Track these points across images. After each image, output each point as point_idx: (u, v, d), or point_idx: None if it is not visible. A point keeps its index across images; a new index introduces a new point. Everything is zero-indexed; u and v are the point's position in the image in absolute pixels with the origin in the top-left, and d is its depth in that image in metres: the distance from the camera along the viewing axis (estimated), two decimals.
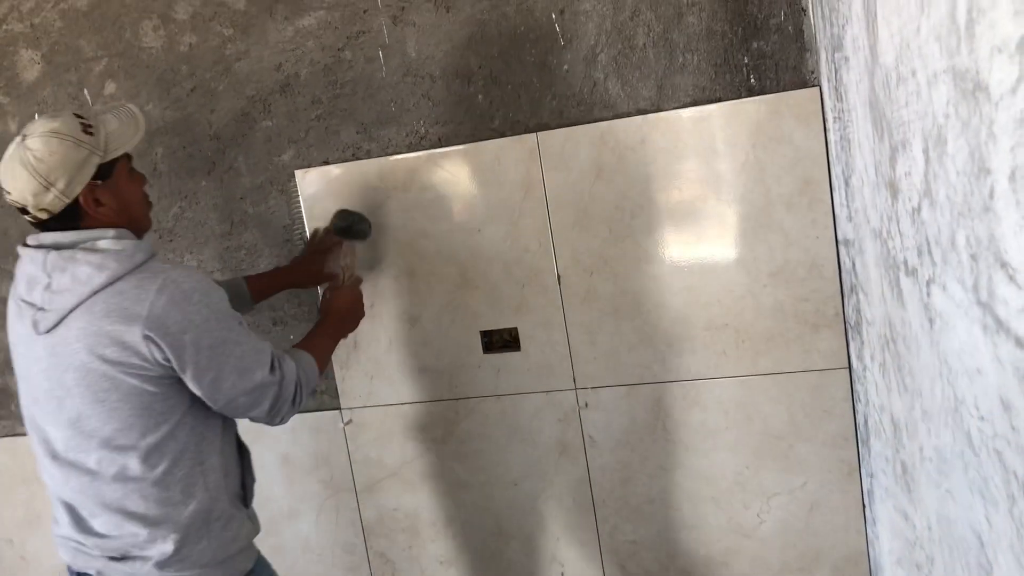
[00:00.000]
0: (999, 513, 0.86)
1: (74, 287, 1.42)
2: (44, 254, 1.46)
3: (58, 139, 1.42)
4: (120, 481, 1.47)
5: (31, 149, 1.42)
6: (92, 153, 1.46)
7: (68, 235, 1.47)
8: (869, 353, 1.57)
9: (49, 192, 1.43)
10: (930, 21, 0.87)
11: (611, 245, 1.91)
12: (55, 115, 1.47)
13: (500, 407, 2.07)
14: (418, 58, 1.97)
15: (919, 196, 1.01)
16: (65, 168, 1.43)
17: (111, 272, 1.42)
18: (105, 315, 1.40)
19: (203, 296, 1.45)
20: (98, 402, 1.44)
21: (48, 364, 1.46)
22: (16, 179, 1.43)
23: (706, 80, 1.82)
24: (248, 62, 2.07)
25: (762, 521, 1.96)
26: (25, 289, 1.48)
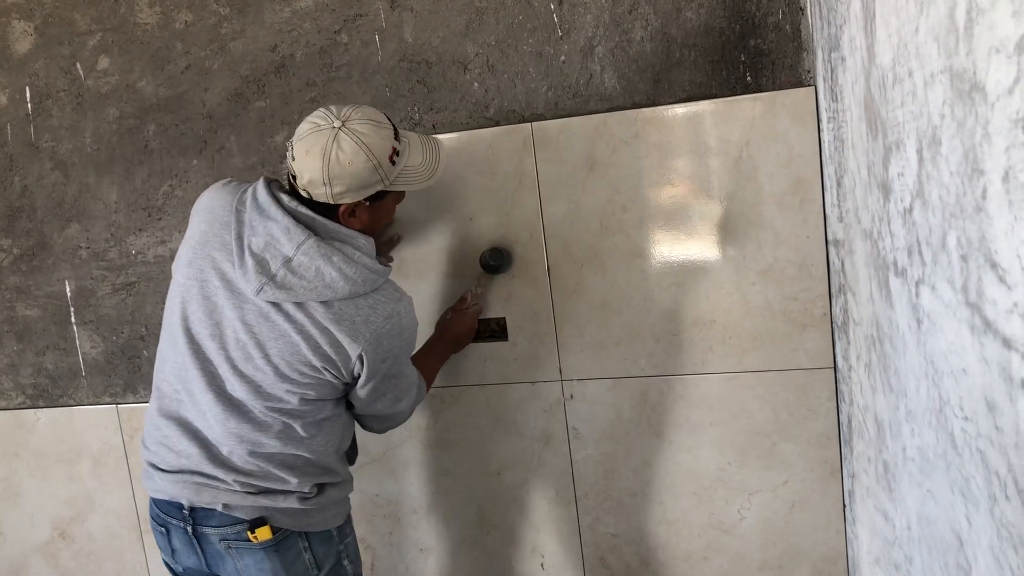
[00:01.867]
0: (980, 513, 0.87)
1: (316, 283, 1.49)
2: (303, 233, 1.50)
3: (364, 156, 1.47)
4: (283, 438, 1.58)
5: (343, 143, 1.46)
6: (381, 182, 1.52)
7: (325, 224, 1.53)
8: (855, 353, 1.57)
9: (323, 187, 1.48)
10: (929, 21, 0.87)
11: (602, 238, 1.91)
12: (378, 122, 1.50)
13: (485, 396, 2.07)
14: (415, 43, 1.96)
15: (911, 197, 1.02)
16: (350, 182, 1.49)
17: (355, 289, 1.52)
18: (337, 321, 1.51)
19: (410, 335, 1.63)
20: (288, 379, 1.54)
21: (255, 321, 1.53)
22: (308, 156, 1.47)
23: (702, 76, 1.82)
24: (243, 42, 2.06)
25: (743, 518, 1.97)
26: (261, 245, 1.51)
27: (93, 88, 2.18)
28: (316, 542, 1.64)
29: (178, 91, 2.12)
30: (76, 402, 2.38)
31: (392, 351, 1.58)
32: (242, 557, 1.59)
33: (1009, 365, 0.73)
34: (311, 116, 1.52)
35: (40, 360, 2.38)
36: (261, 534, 1.57)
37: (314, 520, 1.63)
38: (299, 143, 1.49)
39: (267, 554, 1.58)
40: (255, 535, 1.56)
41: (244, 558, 1.59)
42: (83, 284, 2.29)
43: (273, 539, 1.58)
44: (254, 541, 1.57)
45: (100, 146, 2.20)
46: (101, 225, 2.24)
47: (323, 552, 1.65)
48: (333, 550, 1.67)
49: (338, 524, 1.69)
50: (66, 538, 2.48)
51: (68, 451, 2.41)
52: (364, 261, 1.52)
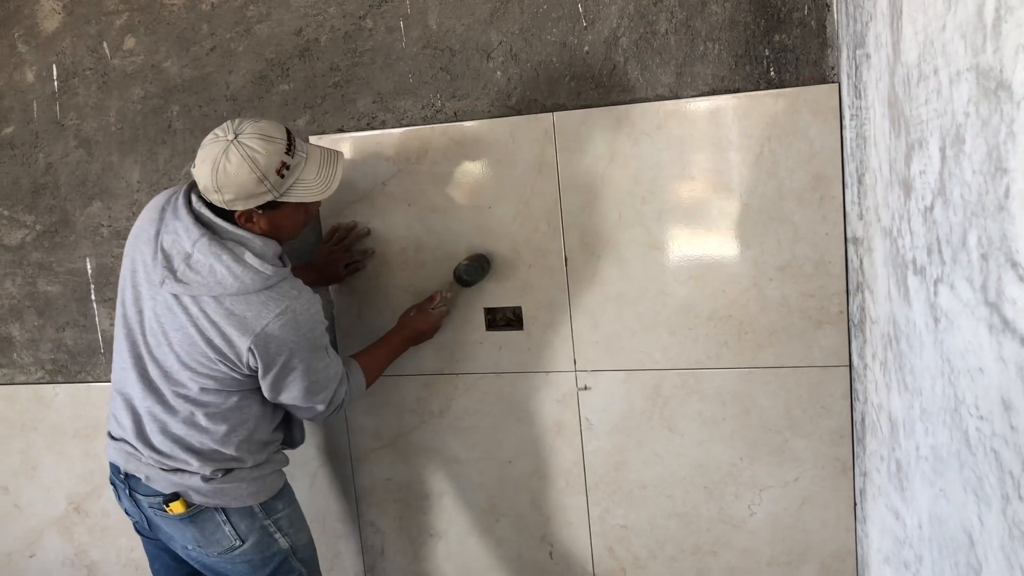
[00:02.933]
0: (992, 513, 0.87)
1: (208, 279, 1.60)
2: (199, 231, 1.62)
3: (247, 168, 1.56)
4: (188, 424, 1.70)
5: (231, 156, 1.56)
6: (268, 192, 1.60)
7: (223, 226, 1.64)
8: (871, 352, 1.57)
9: (215, 194, 1.59)
10: (956, 19, 0.87)
11: (620, 230, 1.91)
12: (270, 137, 1.59)
13: (499, 384, 2.08)
14: (439, 30, 1.97)
15: (932, 195, 1.02)
16: (237, 191, 1.58)
17: (244, 287, 1.61)
18: (227, 316, 1.61)
19: (309, 331, 1.66)
20: (188, 368, 1.66)
21: (162, 311, 1.66)
22: (203, 164, 1.59)
23: (726, 70, 1.81)
24: (269, 25, 2.07)
25: (753, 513, 1.97)
26: (169, 242, 1.65)
27: (119, 67, 2.19)
28: (235, 516, 1.74)
29: (203, 72, 2.13)
30: (94, 378, 2.41)
31: (290, 345, 1.63)
32: (167, 523, 1.75)
33: None
34: (217, 128, 1.62)
35: (60, 336, 2.40)
36: (175, 507, 1.70)
37: (227, 496, 1.73)
38: (200, 151, 1.61)
39: (184, 524, 1.73)
40: (170, 508, 1.71)
41: (168, 525, 1.75)
42: (104, 262, 2.31)
43: (187, 512, 1.71)
44: (170, 513, 1.71)
45: (124, 125, 2.22)
46: (123, 204, 2.26)
47: (245, 526, 1.75)
48: (257, 525, 1.76)
49: (260, 501, 1.76)
50: (81, 512, 2.51)
51: (85, 427, 2.44)
52: (253, 262, 1.61)
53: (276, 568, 1.79)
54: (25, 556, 2.59)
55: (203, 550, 1.75)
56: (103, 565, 2.54)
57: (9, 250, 2.38)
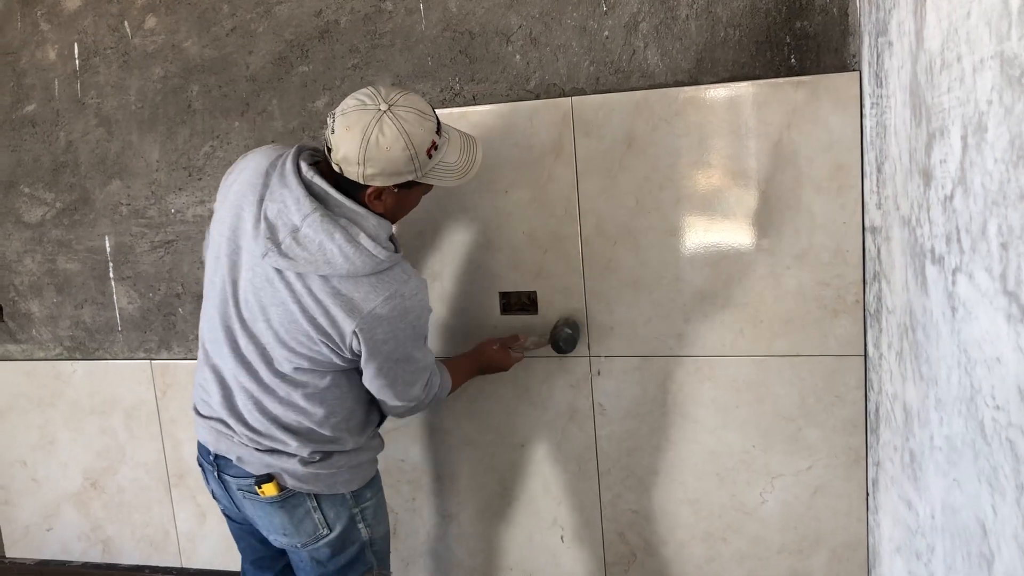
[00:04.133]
0: (1006, 502, 0.87)
1: (317, 257, 1.50)
2: (312, 205, 1.50)
3: (403, 144, 1.47)
4: (284, 404, 1.61)
5: (385, 128, 1.45)
6: (414, 172, 1.52)
7: (339, 200, 1.52)
8: (887, 341, 1.57)
9: (356, 167, 1.47)
10: (981, 6, 0.86)
11: (637, 216, 1.91)
12: (424, 112, 1.50)
13: (513, 369, 2.08)
14: (459, 13, 1.96)
15: (953, 184, 1.01)
16: (384, 166, 1.48)
17: (355, 269, 1.50)
18: (334, 295, 1.51)
19: (416, 318, 1.59)
20: (286, 346, 1.56)
21: (261, 285, 1.55)
22: (348, 139, 1.46)
23: (746, 56, 1.80)
24: (289, 6, 2.07)
25: (764, 501, 1.97)
26: (275, 212, 1.53)
27: (140, 47, 2.20)
28: (326, 503, 1.67)
29: (223, 53, 2.14)
30: (111, 356, 2.43)
31: (394, 332, 1.56)
32: (255, 507, 1.67)
33: None
34: (358, 93, 1.50)
35: (78, 313, 2.43)
36: (267, 490, 1.62)
37: (322, 483, 1.66)
38: (342, 117, 1.48)
39: (274, 508, 1.65)
40: (262, 490, 1.62)
41: (257, 508, 1.67)
42: (122, 240, 2.33)
43: (279, 496, 1.63)
44: (262, 496, 1.63)
45: (144, 104, 2.23)
46: (142, 183, 2.28)
47: (334, 514, 1.68)
48: (346, 513, 1.69)
49: (353, 489, 1.70)
50: (97, 488, 2.54)
51: (102, 403, 2.46)
52: (366, 244, 1.51)
53: (352, 558, 1.72)
54: (42, 530, 2.62)
55: (289, 539, 1.68)
56: (118, 540, 2.57)
57: (29, 227, 2.41)
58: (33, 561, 2.65)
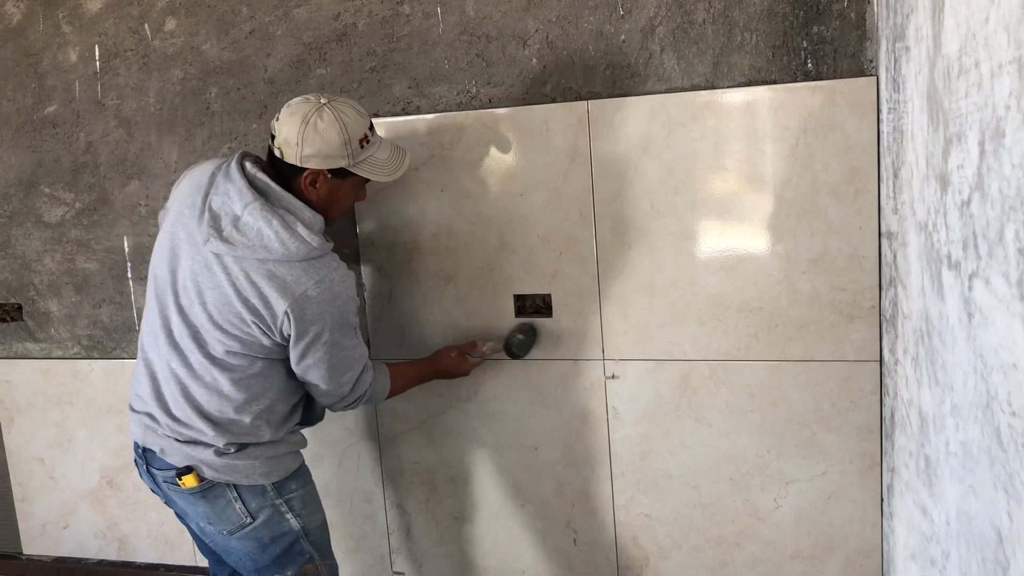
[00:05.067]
0: (1022, 509, 0.87)
1: (255, 242, 1.63)
2: (252, 195, 1.65)
3: (338, 128, 1.64)
4: (209, 390, 1.70)
5: (323, 115, 1.63)
6: (346, 158, 1.67)
7: (278, 191, 1.67)
8: (902, 347, 1.56)
9: (294, 148, 1.63)
10: (1000, 11, 0.86)
11: (652, 220, 1.91)
12: (361, 113, 1.69)
13: (527, 371, 2.09)
14: (476, 17, 1.97)
15: (970, 189, 1.01)
16: (319, 147, 1.63)
17: (289, 254, 1.63)
18: (268, 277, 1.63)
19: (344, 303, 1.69)
20: (219, 327, 1.67)
21: (200, 270, 1.67)
22: (289, 122, 1.63)
23: (763, 61, 1.80)
24: (307, 9, 2.08)
25: (778, 506, 1.97)
26: (219, 203, 1.67)
27: (159, 49, 2.22)
28: (246, 493, 1.75)
29: (241, 55, 2.16)
30: (129, 355, 2.45)
31: (323, 315, 1.66)
32: (181, 498, 1.76)
33: None
34: (307, 94, 1.69)
35: (96, 312, 2.45)
36: (187, 481, 1.72)
37: (239, 474, 1.74)
38: (286, 107, 1.66)
39: (196, 498, 1.74)
40: (182, 481, 1.72)
41: (182, 500, 1.77)
42: (140, 240, 2.35)
43: (199, 487, 1.72)
44: (182, 487, 1.73)
45: (163, 106, 2.25)
46: (161, 183, 2.29)
47: (256, 504, 1.76)
48: (268, 503, 1.77)
49: (273, 480, 1.77)
50: (113, 486, 2.56)
51: (119, 402, 2.48)
52: (301, 232, 1.64)
53: (286, 549, 1.79)
54: (59, 527, 2.64)
55: (214, 527, 1.76)
56: (134, 538, 2.58)
57: (49, 227, 2.43)
58: (50, 558, 2.67)
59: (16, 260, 2.48)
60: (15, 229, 2.46)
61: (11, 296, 2.52)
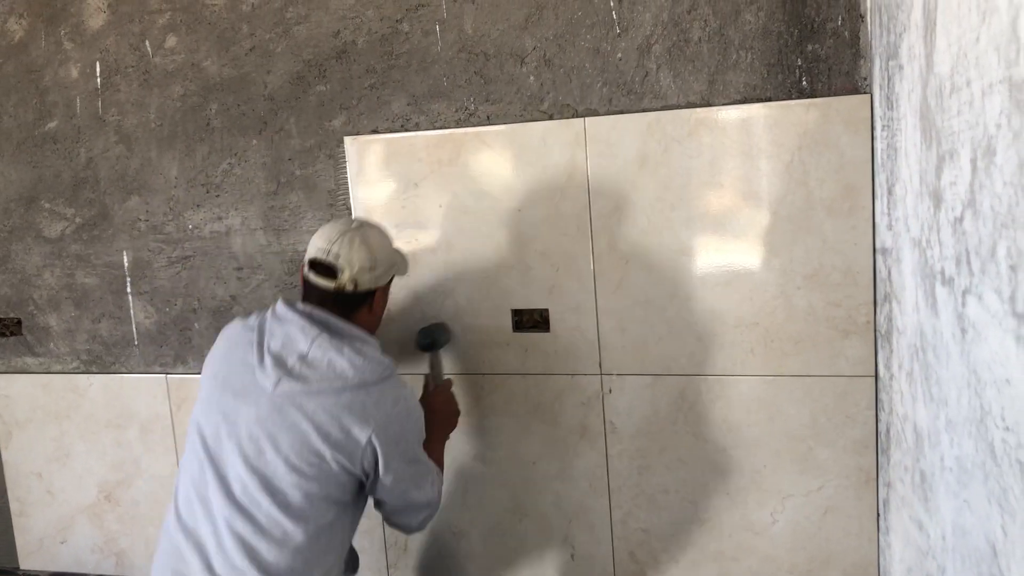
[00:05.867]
0: (1016, 524, 0.88)
1: (328, 373, 1.62)
2: (318, 330, 1.66)
3: (388, 239, 1.79)
4: (280, 546, 1.59)
5: (370, 234, 1.72)
6: (396, 264, 1.80)
7: (340, 324, 1.69)
8: (897, 362, 1.57)
9: (369, 273, 1.70)
10: (990, 31, 0.88)
11: (649, 235, 1.92)
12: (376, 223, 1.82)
13: (525, 386, 2.10)
14: (474, 35, 1.99)
15: (962, 206, 1.02)
16: (386, 261, 1.75)
17: (364, 379, 1.63)
18: (347, 407, 1.60)
19: (419, 419, 1.73)
20: (298, 471, 1.60)
21: (268, 415, 1.61)
22: (356, 251, 1.69)
23: (758, 79, 1.82)
24: (307, 26, 2.10)
25: (775, 521, 1.97)
26: (279, 345, 1.66)
27: (160, 65, 2.24)
28: None
29: (241, 72, 2.17)
30: (128, 370, 2.45)
31: (404, 434, 1.67)
32: None
33: None
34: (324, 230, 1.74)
35: (95, 327, 2.45)
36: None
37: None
38: (338, 242, 1.69)
39: None
40: None
41: None
42: (140, 256, 2.36)
43: None
44: None
45: (164, 122, 2.26)
46: (160, 199, 2.31)
47: None
48: None
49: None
50: (111, 501, 2.55)
51: (117, 417, 2.48)
52: (373, 354, 1.67)
53: None
54: (56, 542, 2.64)
55: None
56: (131, 554, 2.58)
57: (49, 242, 2.44)
58: (47, 573, 2.66)
59: (16, 275, 2.49)
60: (15, 244, 2.47)
61: (11, 311, 2.52)
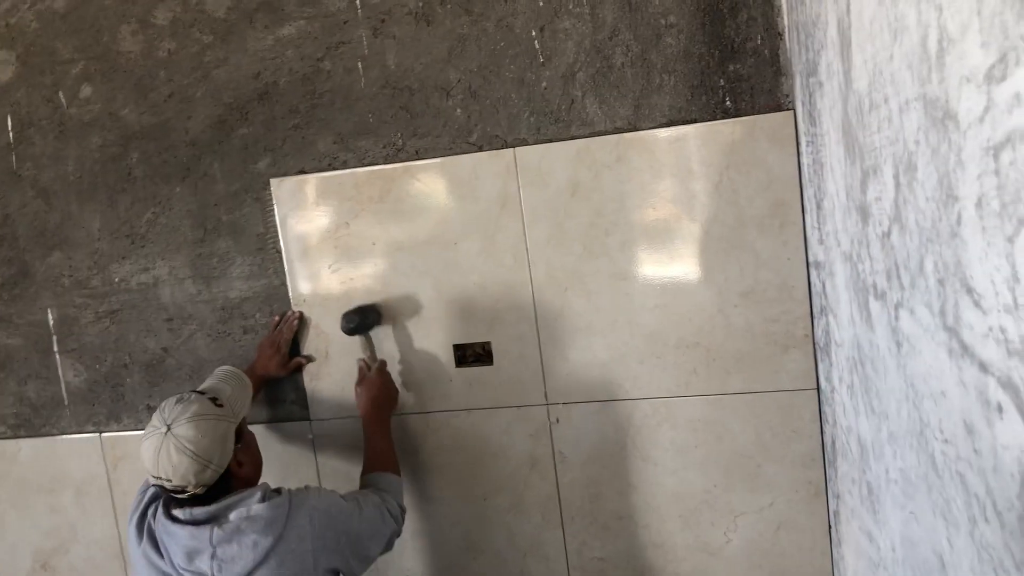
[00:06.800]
0: (961, 535, 0.88)
1: (244, 554, 1.59)
2: (208, 531, 1.61)
3: (204, 420, 1.61)
4: None
5: (183, 436, 1.58)
6: (230, 423, 1.66)
7: (221, 506, 1.63)
8: (837, 375, 1.58)
9: (208, 469, 1.60)
10: (902, 49, 0.89)
11: (585, 262, 1.92)
12: (185, 399, 1.65)
13: (471, 421, 2.07)
14: (397, 70, 1.97)
15: (889, 221, 1.03)
16: (218, 444, 1.61)
17: (275, 534, 1.61)
18: (281, 565, 1.60)
19: (335, 506, 1.70)
20: None
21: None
22: (177, 467, 1.57)
23: (682, 101, 1.84)
24: (227, 69, 2.06)
25: (729, 540, 1.97)
26: (185, 560, 1.62)
27: (76, 116, 2.18)
28: None
29: (161, 119, 2.12)
30: (59, 431, 2.36)
31: (339, 528, 1.68)
32: None
33: (986, 389, 0.74)
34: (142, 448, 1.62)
35: (22, 389, 2.36)
36: None
37: None
38: (159, 464, 1.58)
39: None
40: None
41: None
42: (66, 312, 2.28)
43: None
44: None
45: (83, 174, 2.20)
46: (84, 253, 2.23)
47: None
48: None
49: None
50: (48, 569, 2.45)
51: (50, 481, 2.39)
52: (260, 511, 1.62)
53: None
54: None
55: None
56: None
57: None
58: None
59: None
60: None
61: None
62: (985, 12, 0.66)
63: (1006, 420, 0.70)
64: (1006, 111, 0.64)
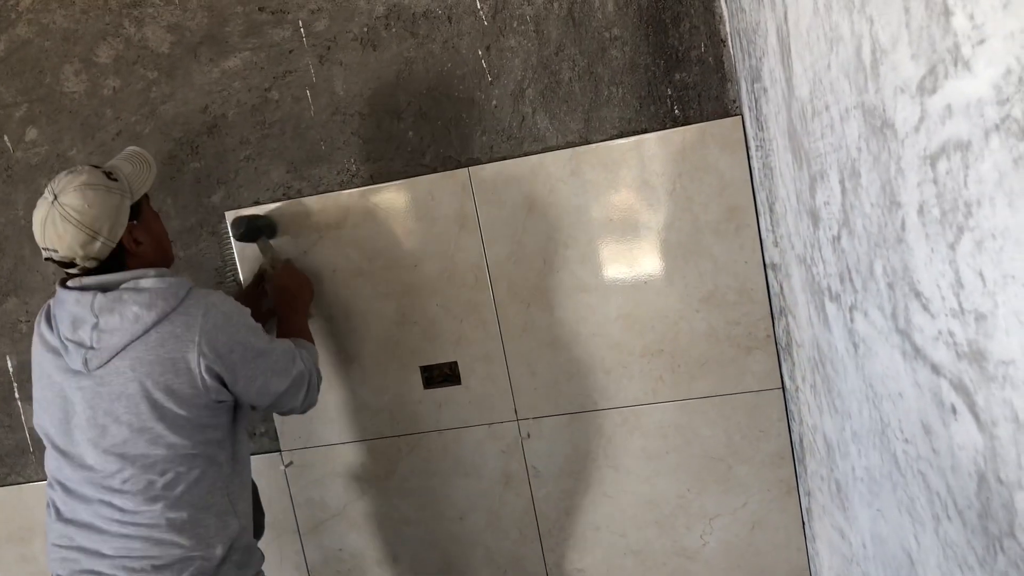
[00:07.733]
0: (926, 533, 0.89)
1: (124, 326, 1.51)
2: (91, 296, 1.54)
3: (92, 190, 1.52)
4: (151, 502, 1.54)
5: (69, 205, 1.50)
6: (123, 196, 1.57)
7: (112, 276, 1.56)
8: (800, 374, 1.60)
9: (96, 241, 1.52)
10: (839, 59, 0.90)
11: (547, 276, 1.92)
12: (76, 170, 1.56)
13: (443, 441, 2.06)
14: (346, 96, 1.97)
15: (838, 225, 1.05)
16: (107, 215, 1.53)
17: (160, 310, 1.52)
18: (160, 344, 1.52)
19: (240, 316, 1.61)
20: (145, 430, 1.53)
21: (95, 394, 1.54)
22: (62, 236, 1.51)
23: (632, 112, 1.85)
24: (174, 104, 2.05)
25: (705, 543, 1.98)
26: (70, 329, 1.55)
27: (23, 160, 2.14)
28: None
29: (110, 157, 2.10)
30: (25, 479, 2.32)
31: (235, 338, 1.57)
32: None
33: (939, 391, 0.75)
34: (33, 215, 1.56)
35: None
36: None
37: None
38: (45, 235, 1.53)
39: None
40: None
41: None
42: (24, 358, 2.24)
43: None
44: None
45: None
46: (40, 297, 2.20)
47: None
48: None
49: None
50: None
51: (19, 530, 2.34)
52: (157, 284, 1.55)
53: None
54: None
55: None
56: None
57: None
58: None
59: None
60: None
61: None
62: (913, 25, 0.68)
63: (960, 421, 0.72)
64: (939, 122, 0.65)
